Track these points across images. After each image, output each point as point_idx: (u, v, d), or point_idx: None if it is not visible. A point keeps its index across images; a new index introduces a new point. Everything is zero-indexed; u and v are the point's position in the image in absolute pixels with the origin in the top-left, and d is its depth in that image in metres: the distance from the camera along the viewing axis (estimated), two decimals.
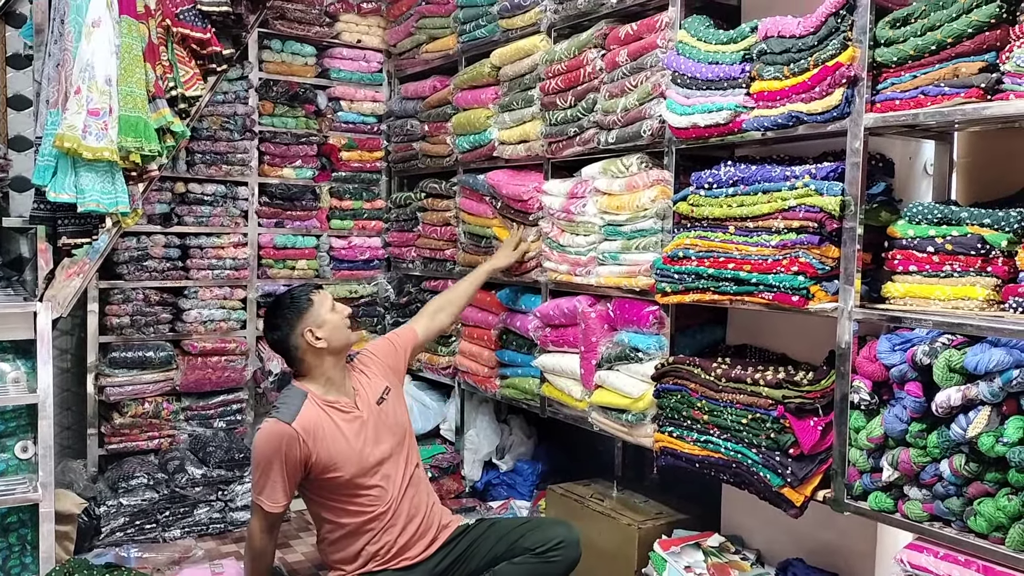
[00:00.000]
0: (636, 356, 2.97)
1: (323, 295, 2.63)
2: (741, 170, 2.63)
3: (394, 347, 2.88)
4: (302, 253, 4.61)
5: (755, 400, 2.50)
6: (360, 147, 4.79)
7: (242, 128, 4.35)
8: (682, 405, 2.75)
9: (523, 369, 3.68)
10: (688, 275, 2.70)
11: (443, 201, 4.27)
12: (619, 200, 3.04)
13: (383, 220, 4.86)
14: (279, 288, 4.53)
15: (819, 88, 2.37)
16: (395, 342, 2.92)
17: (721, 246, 2.61)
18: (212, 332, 4.34)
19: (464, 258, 4.09)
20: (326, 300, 2.61)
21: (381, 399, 2.64)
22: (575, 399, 3.31)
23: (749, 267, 2.51)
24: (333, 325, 2.57)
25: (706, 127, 2.70)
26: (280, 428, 2.43)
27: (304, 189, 4.60)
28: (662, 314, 2.94)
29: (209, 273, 4.34)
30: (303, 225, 4.62)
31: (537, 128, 3.50)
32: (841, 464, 2.38)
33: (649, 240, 2.94)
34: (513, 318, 3.69)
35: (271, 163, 4.51)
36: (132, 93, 2.87)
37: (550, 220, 3.44)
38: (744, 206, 2.56)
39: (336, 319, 2.59)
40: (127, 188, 2.95)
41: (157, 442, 4.16)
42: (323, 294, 2.63)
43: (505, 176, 3.72)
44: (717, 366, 2.67)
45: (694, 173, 2.76)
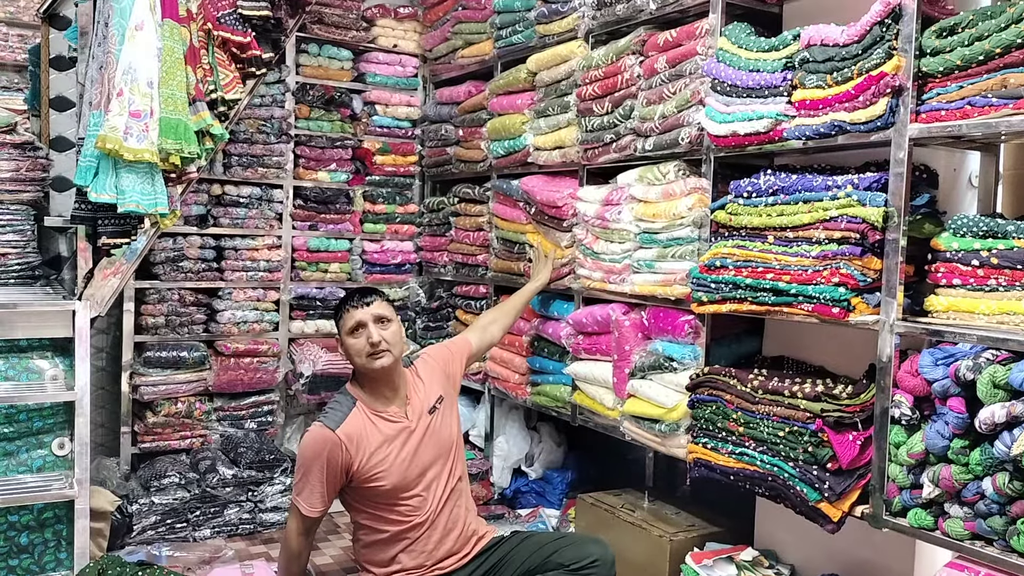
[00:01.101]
0: (670, 366, 2.96)
1: (352, 314, 2.51)
2: (781, 179, 2.61)
3: (451, 354, 2.88)
4: (335, 256, 4.65)
5: (792, 413, 2.48)
6: (394, 151, 4.83)
7: (278, 131, 4.40)
8: (717, 416, 2.73)
9: (554, 376, 3.68)
10: (725, 285, 2.68)
11: (476, 206, 4.29)
12: (655, 208, 3.04)
13: (416, 224, 4.88)
14: (311, 291, 4.58)
15: (863, 97, 2.35)
16: (452, 349, 2.91)
17: (760, 256, 2.59)
18: (245, 333, 4.39)
19: (497, 264, 4.10)
20: (350, 321, 2.50)
21: (433, 408, 2.63)
22: (607, 408, 3.31)
23: (788, 278, 2.49)
24: (350, 350, 2.52)
25: (746, 135, 2.69)
26: (324, 434, 2.44)
27: (338, 192, 4.64)
28: (698, 323, 2.92)
29: (243, 275, 4.39)
30: (336, 228, 4.66)
31: (573, 134, 3.51)
32: (880, 480, 2.35)
33: (685, 249, 2.93)
34: (545, 325, 3.69)
35: (306, 166, 4.56)
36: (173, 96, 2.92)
37: (584, 227, 3.44)
38: (784, 216, 2.54)
39: (355, 346, 2.49)
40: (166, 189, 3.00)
41: (189, 442, 4.22)
42: (354, 313, 2.51)
43: (539, 182, 3.72)
44: (754, 377, 2.65)
45: (733, 182, 2.75)
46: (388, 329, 2.52)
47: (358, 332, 2.50)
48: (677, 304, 3.00)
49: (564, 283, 3.60)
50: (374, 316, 2.51)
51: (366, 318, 2.51)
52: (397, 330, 2.56)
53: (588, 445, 4.27)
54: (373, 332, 2.49)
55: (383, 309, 2.55)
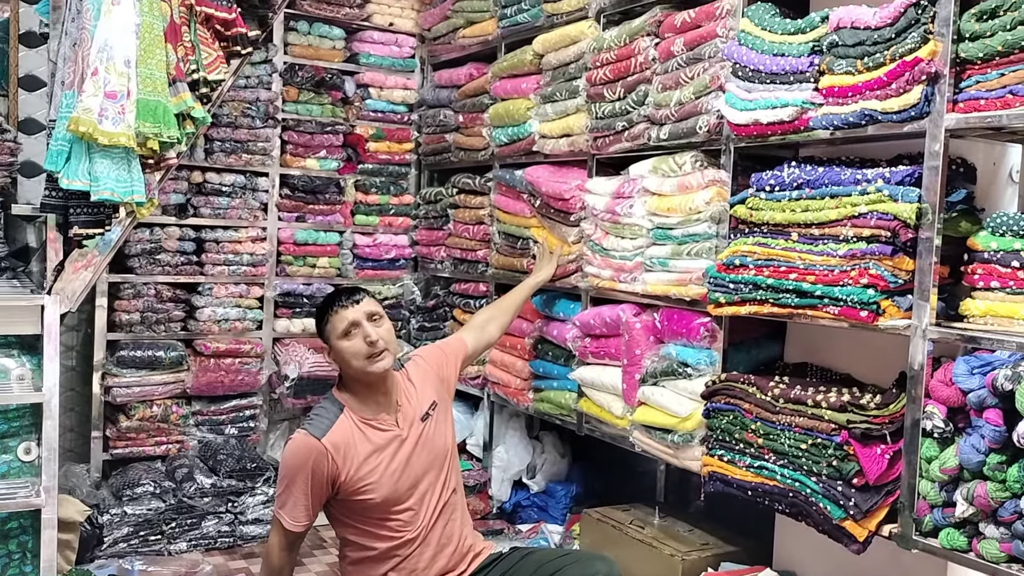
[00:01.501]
0: (684, 372, 2.96)
1: (343, 315, 2.47)
2: (807, 172, 2.61)
3: (445, 355, 2.86)
4: (324, 250, 4.65)
5: (816, 424, 2.48)
6: (389, 138, 4.82)
7: (264, 115, 4.39)
8: (734, 427, 2.73)
9: (559, 382, 3.68)
10: (745, 285, 2.68)
11: (477, 198, 4.28)
12: (670, 201, 3.03)
13: (411, 217, 4.88)
14: (298, 287, 4.58)
15: (896, 85, 2.35)
16: (445, 351, 2.90)
17: (782, 254, 2.59)
18: (226, 332, 4.39)
19: (498, 260, 4.10)
20: (341, 323, 2.46)
21: (426, 415, 2.61)
22: (615, 416, 3.31)
23: (813, 278, 2.49)
24: (345, 354, 2.48)
25: (769, 124, 2.68)
26: (308, 443, 2.43)
27: (328, 181, 4.64)
28: (714, 326, 2.92)
29: (225, 269, 4.39)
30: (326, 220, 4.66)
31: (582, 121, 3.51)
32: (910, 497, 2.35)
33: (702, 246, 2.92)
34: (549, 326, 3.69)
35: (293, 153, 4.55)
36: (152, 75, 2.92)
37: (593, 221, 3.43)
38: (809, 211, 2.54)
39: (351, 348, 2.46)
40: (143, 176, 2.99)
41: (165, 448, 4.22)
42: (345, 313, 2.47)
43: (545, 172, 3.72)
44: (774, 385, 2.65)
45: (754, 174, 2.75)
46: (383, 327, 2.51)
47: (352, 333, 2.47)
48: (692, 305, 2.99)
49: (571, 281, 3.60)
50: (367, 314, 2.49)
51: (359, 317, 2.48)
52: (391, 328, 2.54)
53: (594, 456, 4.27)
54: (370, 330, 2.46)
55: (374, 306, 2.53)
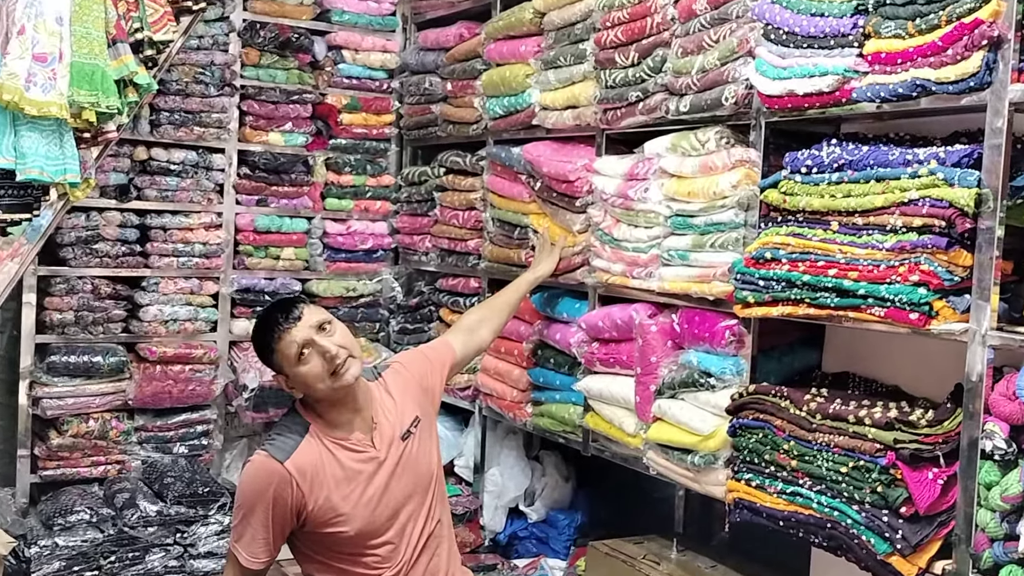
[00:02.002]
0: (707, 382, 2.98)
1: (287, 339, 2.43)
2: (849, 151, 2.62)
3: (429, 362, 2.87)
4: (289, 239, 4.66)
5: (858, 444, 2.50)
6: (365, 108, 4.83)
7: (220, 81, 4.41)
8: (764, 447, 2.75)
9: (562, 394, 3.69)
10: (777, 282, 2.70)
11: (467, 179, 4.30)
12: (691, 184, 3.05)
13: (391, 201, 4.89)
14: (259, 282, 4.59)
15: (952, 50, 2.36)
16: (429, 356, 2.90)
17: (820, 246, 2.61)
18: (175, 334, 4.40)
19: (492, 251, 4.11)
20: (291, 348, 2.43)
21: (407, 433, 2.62)
22: (627, 434, 3.32)
23: (856, 274, 2.50)
24: (305, 379, 2.47)
25: (805, 95, 2.69)
26: (269, 467, 2.43)
27: (294, 159, 4.65)
28: (741, 330, 2.94)
29: (174, 261, 4.40)
30: (291, 204, 4.67)
31: (589, 91, 3.52)
32: (966, 528, 2.36)
33: (728, 236, 2.94)
34: (551, 329, 3.71)
35: (254, 126, 4.56)
36: (88, 35, 2.93)
37: (602, 207, 3.45)
38: (852, 197, 2.55)
39: (311, 372, 2.44)
40: (78, 153, 3.01)
41: (103, 469, 4.23)
42: (288, 337, 2.44)
43: (547, 150, 3.73)
44: (811, 399, 2.67)
45: (788, 153, 2.76)
46: (336, 332, 2.49)
47: (306, 355, 2.45)
48: (716, 305, 3.01)
49: (576, 277, 3.62)
50: (315, 327, 2.47)
51: (309, 334, 2.45)
52: (344, 329, 2.53)
53: (603, 480, 4.29)
54: (325, 344, 2.44)
55: (319, 313, 2.50)
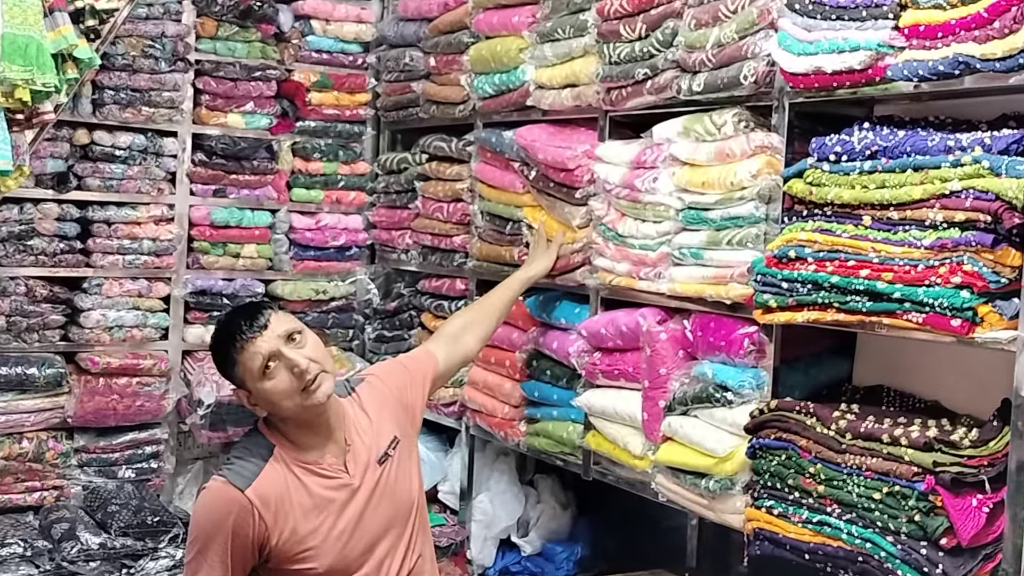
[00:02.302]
0: (723, 397, 2.98)
1: (251, 349, 2.43)
2: (883, 136, 2.63)
3: (409, 374, 2.87)
4: (250, 234, 4.66)
5: (893, 467, 2.50)
6: (337, 87, 4.83)
7: (172, 55, 4.40)
8: (787, 470, 2.75)
9: (560, 410, 3.70)
10: (802, 283, 2.70)
11: (452, 167, 4.30)
12: (706, 174, 3.06)
13: (367, 191, 4.89)
14: (216, 283, 4.59)
15: (999, 23, 2.37)
16: (409, 368, 2.90)
17: (851, 244, 2.62)
18: (120, 343, 4.40)
19: (480, 249, 4.12)
20: (255, 361, 2.42)
21: (385, 456, 2.61)
22: (633, 455, 3.33)
23: (890, 275, 2.51)
24: (271, 396, 2.45)
25: (834, 73, 2.70)
26: (228, 495, 2.43)
27: (256, 144, 4.65)
28: (762, 338, 2.95)
29: (119, 259, 4.40)
30: (253, 195, 4.67)
31: (591, 67, 3.53)
32: (1015, 562, 2.37)
33: (747, 232, 2.95)
34: (547, 337, 3.72)
35: (211, 106, 4.56)
36: (21, 2, 2.93)
37: (605, 199, 3.46)
38: (886, 188, 2.56)
39: (278, 388, 2.43)
40: (10, 137, 3.00)
41: (38, 496, 4.21)
42: (253, 347, 2.43)
43: (543, 134, 3.74)
44: (840, 416, 2.68)
45: (815, 139, 2.77)
46: (307, 344, 2.48)
47: (273, 369, 2.43)
48: (734, 310, 3.02)
49: (575, 278, 3.63)
50: (283, 337, 2.45)
51: (275, 345, 2.43)
52: (316, 341, 2.52)
53: (606, 507, 4.29)
54: (295, 357, 2.43)
55: (287, 322, 2.49)
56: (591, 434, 3.53)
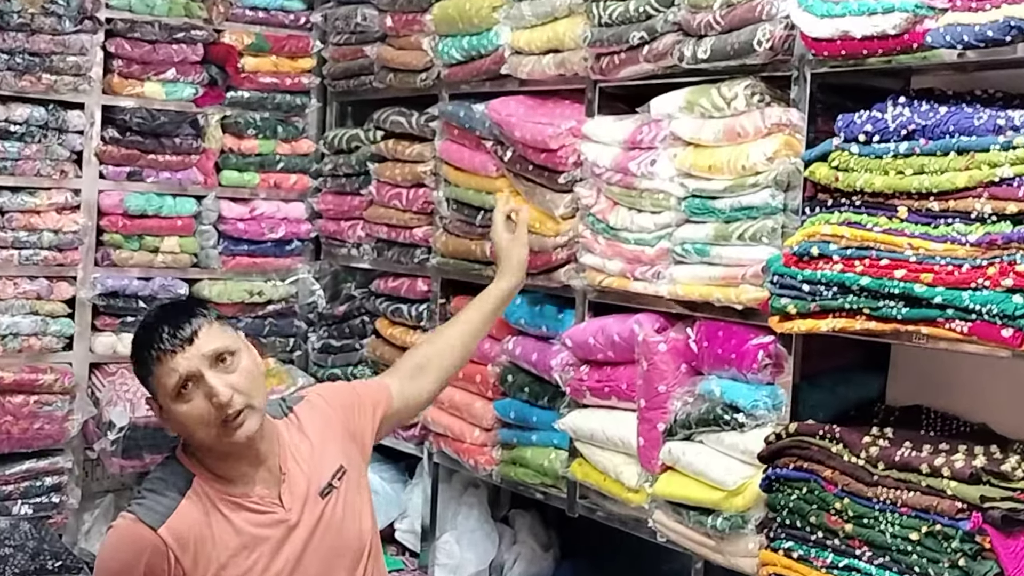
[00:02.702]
0: (733, 419, 2.99)
1: (170, 366, 2.40)
2: (922, 113, 2.64)
3: (357, 397, 2.85)
4: (172, 225, 4.65)
5: (934, 502, 2.51)
6: (275, 50, 4.82)
7: (78, 13, 4.37)
8: (809, 505, 2.76)
9: (540, 434, 3.70)
10: (826, 285, 2.70)
11: (413, 146, 4.30)
12: (713, 156, 3.06)
13: (311, 175, 4.89)
14: (131, 283, 4.57)
15: None
16: (359, 391, 2.89)
17: (884, 239, 2.62)
18: (16, 354, 4.37)
19: (447, 243, 4.12)
20: (170, 377, 2.41)
21: (328, 488, 2.60)
22: (627, 488, 3.33)
23: (930, 277, 2.52)
24: (183, 421, 2.44)
25: (864, 39, 2.70)
26: (137, 534, 2.42)
27: (179, 118, 4.63)
28: (780, 349, 2.95)
29: (14, 254, 4.38)
30: (175, 178, 4.65)
31: (577, 29, 3.52)
32: None
33: (762, 225, 2.96)
34: (526, 347, 3.72)
35: (125, 73, 4.54)
36: None
37: (594, 184, 3.46)
38: (925, 174, 2.56)
39: (191, 415, 2.42)
40: None
41: None
42: (170, 363, 2.40)
43: (520, 108, 3.74)
44: (871, 442, 2.68)
45: (841, 115, 2.77)
46: (237, 368, 2.45)
47: (189, 391, 2.41)
48: (746, 317, 3.02)
49: (559, 277, 3.63)
50: (210, 357, 2.42)
51: (196, 365, 2.41)
52: (250, 364, 2.49)
53: (594, 548, 4.29)
54: (217, 386, 2.40)
55: (218, 337, 2.46)
56: (577, 462, 3.54)
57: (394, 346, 4.37)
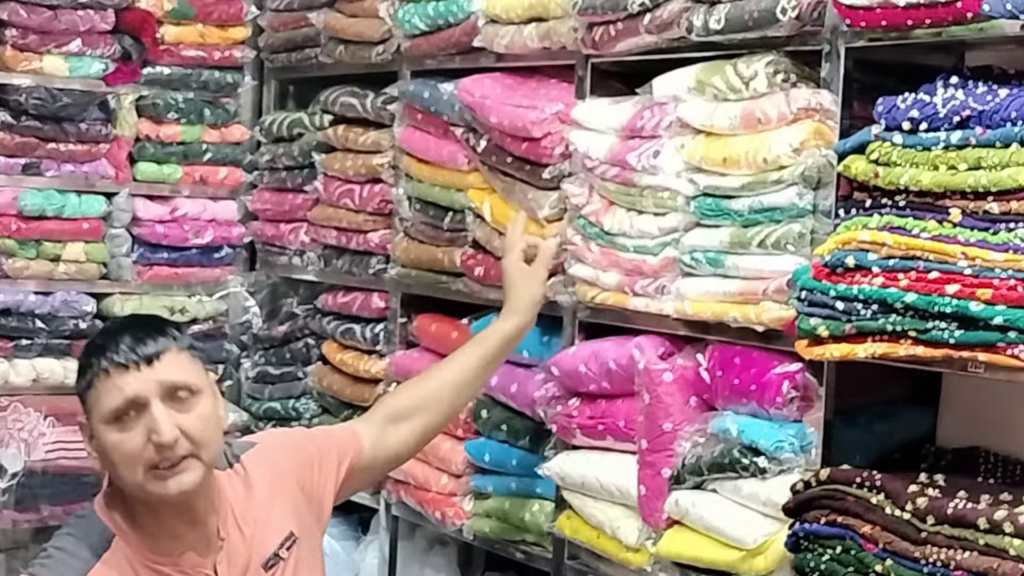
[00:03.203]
0: (753, 464, 2.99)
1: (117, 382, 2.41)
2: (978, 96, 2.64)
3: (318, 451, 2.85)
4: (76, 228, 4.65)
5: (994, 563, 2.50)
6: (202, 17, 4.82)
7: None
8: (844, 567, 2.75)
9: (520, 481, 3.72)
10: (864, 303, 2.70)
11: (368, 133, 4.31)
12: (728, 146, 3.07)
13: (245, 167, 4.91)
14: (25, 298, 4.56)
15: None
16: (321, 443, 2.89)
17: (934, 247, 2.62)
18: None
19: (408, 250, 4.13)
20: (112, 396, 2.41)
21: (274, 559, 2.61)
22: (625, 546, 3.34)
23: (989, 292, 2.51)
24: (111, 453, 2.44)
25: (908, 6, 2.71)
26: None
27: (85, 99, 4.63)
28: (808, 380, 2.96)
29: None
30: (80, 172, 4.66)
31: None
32: None
33: (787, 230, 2.96)
34: (504, 376, 3.72)
35: (20, 45, 4.55)
36: None
37: (586, 180, 3.47)
38: (982, 169, 2.56)
39: (122, 447, 2.42)
40: None
41: None
42: (118, 379, 2.41)
43: (497, 88, 3.76)
44: (918, 491, 2.68)
45: (882, 99, 2.77)
46: (193, 410, 2.45)
47: (130, 419, 2.41)
48: (768, 340, 3.03)
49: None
50: (164, 386, 2.44)
51: (146, 392, 2.42)
52: (210, 411, 2.50)
53: None
54: (162, 423, 2.39)
55: (183, 369, 2.47)
56: (565, 515, 3.54)
57: (344, 374, 4.38)
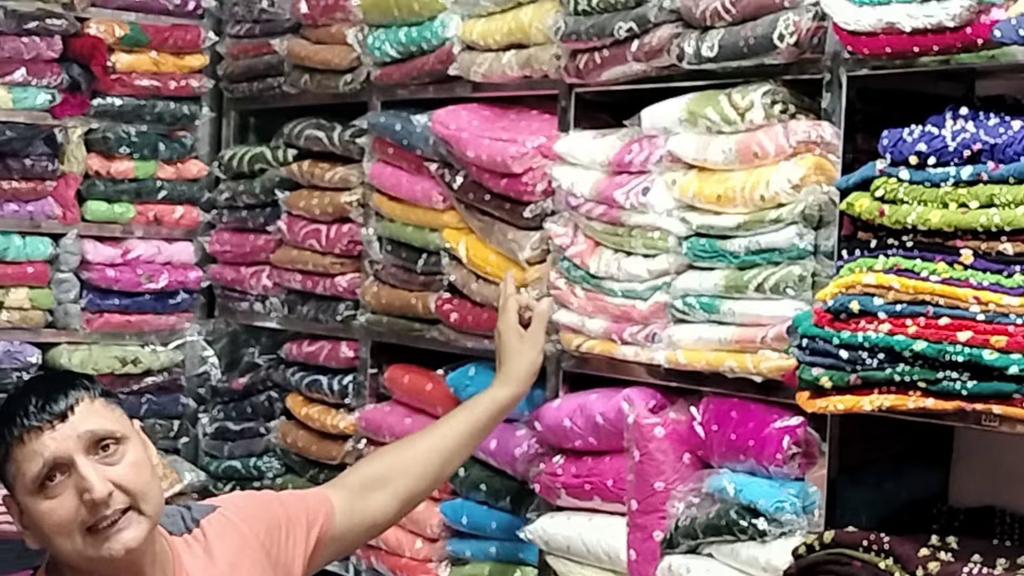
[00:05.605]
0: (752, 526, 2.98)
1: (36, 447, 2.39)
2: (989, 128, 2.65)
3: (286, 515, 2.85)
4: (19, 272, 4.66)
5: None
6: (156, 44, 4.83)
7: None
8: None
9: (500, 545, 3.72)
10: (870, 351, 2.71)
11: (335, 169, 4.33)
12: (723, 182, 3.08)
13: (202, 206, 4.91)
14: None
15: None
16: (289, 507, 2.89)
17: (943, 291, 2.62)
18: None
19: (379, 295, 4.13)
20: (32, 463, 2.40)
21: None
22: None
23: (1003, 340, 2.52)
24: (41, 524, 2.43)
25: (915, 32, 2.72)
26: None
27: (29, 133, 4.63)
28: (811, 434, 2.96)
29: None
30: (24, 211, 4.66)
31: (547, 19, 3.54)
32: None
33: (786, 273, 2.97)
34: None
35: None
36: None
37: (570, 220, 3.48)
38: (995, 207, 2.57)
39: (52, 517, 2.41)
40: None
41: None
42: (36, 444, 2.39)
43: (474, 120, 3.77)
44: (929, 555, 2.68)
45: (887, 131, 2.78)
46: (122, 459, 2.45)
47: (54, 484, 2.40)
48: (767, 392, 3.03)
49: None
50: (85, 440, 2.43)
51: (67, 449, 2.40)
52: (140, 457, 2.49)
53: None
54: (92, 479, 2.38)
55: (100, 417, 2.46)
56: None
57: (310, 430, 4.38)
